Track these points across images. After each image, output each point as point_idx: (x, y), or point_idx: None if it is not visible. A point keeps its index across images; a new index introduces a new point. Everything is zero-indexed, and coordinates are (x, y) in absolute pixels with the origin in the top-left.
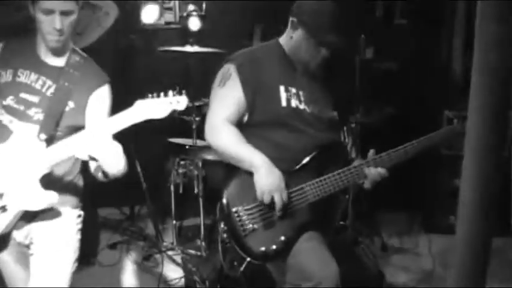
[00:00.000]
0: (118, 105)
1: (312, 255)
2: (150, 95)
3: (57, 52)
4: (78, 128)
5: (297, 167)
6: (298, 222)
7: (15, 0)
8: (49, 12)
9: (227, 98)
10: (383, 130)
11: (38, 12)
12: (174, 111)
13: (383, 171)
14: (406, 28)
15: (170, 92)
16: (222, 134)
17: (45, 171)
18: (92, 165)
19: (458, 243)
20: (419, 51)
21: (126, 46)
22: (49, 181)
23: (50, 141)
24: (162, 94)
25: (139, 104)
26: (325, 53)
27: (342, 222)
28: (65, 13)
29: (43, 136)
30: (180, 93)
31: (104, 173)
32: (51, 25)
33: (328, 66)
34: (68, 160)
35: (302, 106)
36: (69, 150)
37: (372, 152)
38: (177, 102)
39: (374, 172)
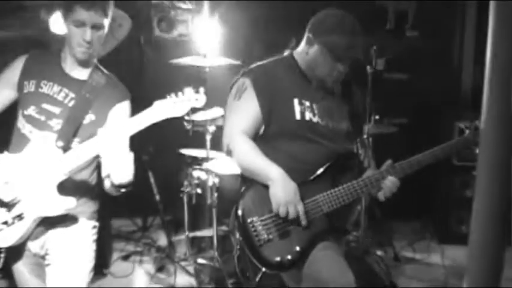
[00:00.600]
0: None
1: (327, 265)
2: (168, 95)
3: (83, 64)
4: None
5: (312, 177)
6: (313, 232)
7: (26, 13)
8: (81, 24)
9: (243, 111)
10: (394, 141)
11: (69, 23)
12: (192, 109)
13: (396, 181)
14: (418, 39)
15: (187, 90)
16: (239, 147)
17: (62, 177)
18: (104, 178)
19: (471, 253)
20: (430, 62)
21: (139, 58)
22: (66, 191)
23: (66, 149)
24: (180, 93)
25: (157, 104)
26: (342, 69)
27: (354, 233)
28: (95, 27)
29: (60, 143)
30: (197, 91)
31: (112, 183)
32: (81, 37)
33: (344, 80)
34: (85, 171)
35: (316, 119)
36: (85, 154)
37: (388, 162)
38: (195, 99)
39: (389, 183)
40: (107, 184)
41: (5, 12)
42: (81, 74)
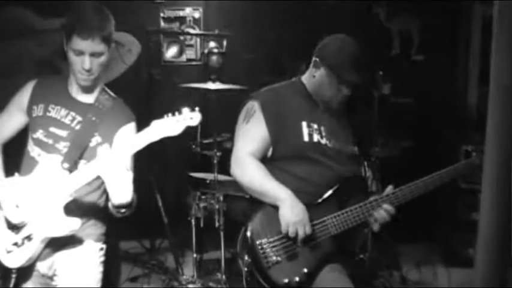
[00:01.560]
0: None
1: (334, 287)
2: (165, 115)
3: (86, 90)
4: None
5: (319, 200)
6: (320, 254)
7: (38, 36)
8: (80, 53)
9: (252, 134)
10: (401, 164)
11: (69, 51)
12: (187, 128)
13: (390, 209)
14: (423, 64)
15: (184, 110)
16: (248, 169)
17: (68, 198)
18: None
19: (477, 275)
20: (435, 86)
21: (147, 82)
22: (74, 213)
23: (72, 170)
24: (176, 113)
25: (155, 123)
26: (346, 91)
27: (361, 256)
28: (94, 54)
29: (66, 165)
30: (193, 110)
31: (112, 203)
32: (81, 65)
33: (348, 102)
34: (93, 194)
35: (324, 141)
36: (87, 175)
37: (390, 187)
38: (190, 118)
39: (382, 213)
40: (110, 205)
41: (17, 35)
42: (87, 97)
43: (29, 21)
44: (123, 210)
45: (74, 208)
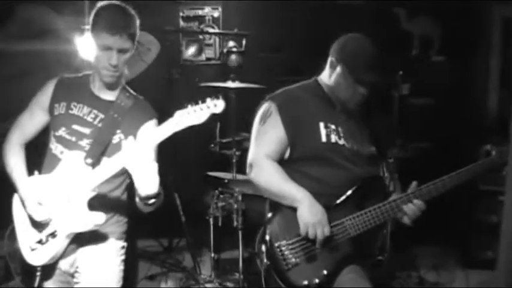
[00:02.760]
0: None
1: None
2: (188, 105)
3: (110, 86)
4: None
5: (338, 201)
6: (339, 255)
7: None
8: (107, 48)
9: (268, 136)
10: (419, 165)
11: (96, 48)
12: (212, 115)
13: (421, 204)
14: (443, 64)
15: (208, 99)
16: (264, 171)
17: (92, 193)
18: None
19: (500, 276)
20: (455, 86)
21: (167, 81)
22: (98, 210)
23: (95, 166)
24: (199, 101)
25: (178, 113)
26: (364, 91)
27: (379, 257)
28: (122, 51)
29: (89, 160)
30: (217, 98)
31: (139, 196)
32: (108, 61)
33: (367, 103)
34: (116, 191)
35: (341, 142)
36: (111, 168)
37: (414, 184)
38: (214, 105)
39: (413, 207)
40: (137, 200)
41: (39, 34)
42: (109, 95)
43: (49, 20)
44: (151, 202)
45: (97, 205)
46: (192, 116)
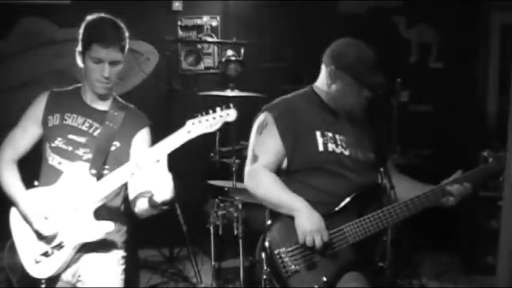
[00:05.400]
0: None
1: None
2: (198, 114)
3: (102, 97)
4: None
5: (336, 209)
6: (339, 262)
7: (56, 46)
8: (99, 61)
9: (265, 146)
10: (419, 172)
11: (88, 60)
12: (224, 124)
13: (468, 185)
14: (442, 72)
15: (218, 108)
16: (262, 181)
17: (98, 204)
18: (136, 200)
19: (499, 282)
20: (454, 93)
21: (166, 91)
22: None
23: (99, 176)
24: (210, 111)
25: (190, 122)
26: (368, 95)
27: (380, 264)
28: (113, 63)
29: (94, 171)
30: (228, 107)
31: (154, 202)
32: (100, 73)
33: (367, 110)
34: (115, 200)
35: (339, 150)
36: (118, 179)
37: (459, 172)
38: (226, 114)
39: (459, 187)
40: (141, 205)
41: (37, 45)
42: (102, 105)
43: (48, 32)
44: (164, 207)
45: (102, 213)
46: (204, 124)
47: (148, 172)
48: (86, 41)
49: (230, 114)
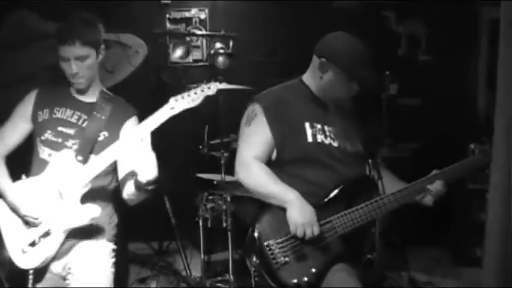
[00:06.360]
0: None
1: (342, 287)
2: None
3: (82, 92)
4: None
5: (325, 200)
6: (328, 254)
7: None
8: (65, 59)
9: (255, 137)
10: (408, 165)
11: (59, 60)
12: (206, 97)
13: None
14: (431, 65)
15: (202, 84)
16: (253, 172)
17: (85, 189)
18: (125, 183)
19: (485, 275)
20: (443, 86)
21: (155, 83)
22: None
23: (85, 163)
24: (193, 86)
25: (173, 98)
26: (357, 88)
27: (369, 256)
28: (79, 58)
29: (80, 158)
30: (211, 81)
31: (139, 182)
32: (68, 70)
33: (356, 102)
34: (105, 189)
35: (328, 141)
36: (104, 160)
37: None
38: (207, 88)
39: (437, 186)
40: (129, 190)
41: (28, 40)
42: (89, 97)
43: (39, 26)
44: (150, 188)
45: (89, 198)
46: (186, 100)
47: (133, 151)
48: (56, 41)
49: (211, 88)
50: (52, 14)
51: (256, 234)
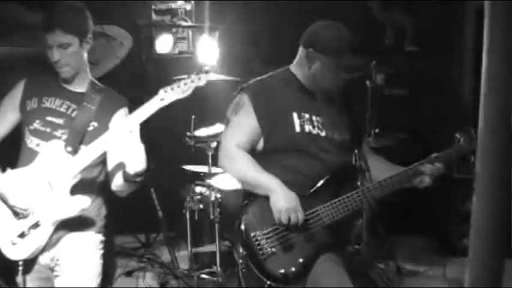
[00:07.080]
0: None
1: (329, 277)
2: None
3: (69, 81)
4: None
5: (311, 190)
6: (315, 244)
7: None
8: (49, 47)
9: (241, 126)
10: (395, 155)
11: (45, 48)
12: (196, 88)
13: (440, 166)
14: (417, 55)
15: (191, 75)
16: (237, 160)
17: (74, 179)
18: (110, 170)
19: (471, 265)
20: (430, 77)
21: (140, 75)
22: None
23: (75, 154)
24: (183, 77)
25: (162, 90)
26: (346, 77)
27: (356, 246)
28: (61, 46)
29: (69, 148)
30: (201, 72)
31: (127, 174)
32: (51, 58)
33: (344, 92)
34: (96, 180)
35: (315, 131)
36: (94, 152)
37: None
38: (198, 79)
39: (432, 168)
40: (117, 181)
41: (11, 32)
42: (79, 87)
43: (22, 17)
44: (138, 179)
45: (78, 190)
46: (176, 91)
47: (122, 142)
48: (41, 29)
49: (201, 79)
50: (36, 5)
51: (242, 226)
